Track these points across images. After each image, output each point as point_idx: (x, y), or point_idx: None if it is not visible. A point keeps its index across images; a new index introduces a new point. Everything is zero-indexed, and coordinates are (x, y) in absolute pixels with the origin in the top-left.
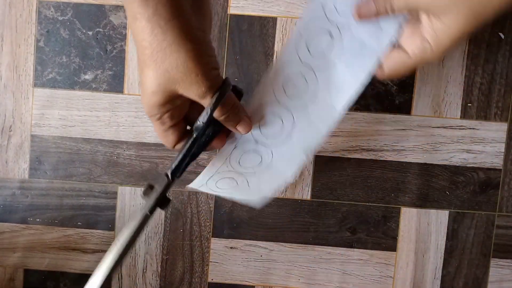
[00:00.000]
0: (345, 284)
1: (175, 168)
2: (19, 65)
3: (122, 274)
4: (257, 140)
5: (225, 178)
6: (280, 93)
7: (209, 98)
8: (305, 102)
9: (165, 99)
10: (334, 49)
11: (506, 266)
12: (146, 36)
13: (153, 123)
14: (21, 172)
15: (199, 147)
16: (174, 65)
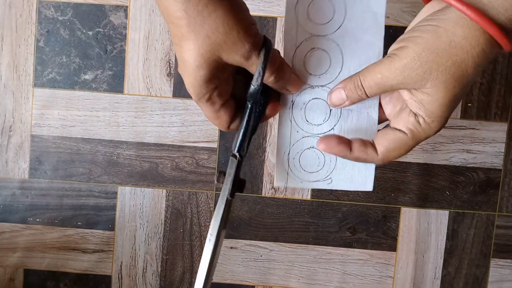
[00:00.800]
0: (345, 284)
1: (239, 145)
2: (19, 65)
3: (122, 274)
4: (312, 85)
5: (304, 150)
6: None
7: (255, 57)
8: (341, 23)
9: (210, 72)
10: None
11: (506, 266)
12: (180, 4)
13: (202, 107)
14: (21, 172)
15: (256, 117)
16: (214, 27)
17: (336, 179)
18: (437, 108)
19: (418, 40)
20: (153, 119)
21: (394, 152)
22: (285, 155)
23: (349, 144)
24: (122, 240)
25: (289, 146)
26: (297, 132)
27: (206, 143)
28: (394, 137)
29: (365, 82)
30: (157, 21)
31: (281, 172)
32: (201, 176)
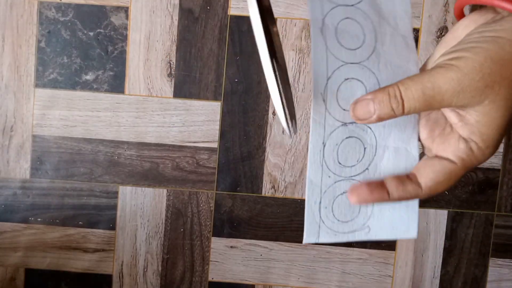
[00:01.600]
0: (345, 283)
1: None
2: (20, 66)
3: (123, 273)
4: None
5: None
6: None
7: None
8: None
9: None
10: None
11: (505, 265)
12: None
13: None
14: (22, 172)
15: None
16: None
17: (374, 227)
18: (494, 130)
19: (478, 50)
20: (153, 119)
21: (443, 185)
22: (315, 205)
23: (384, 187)
24: (123, 240)
25: (320, 194)
26: (328, 177)
27: (206, 143)
28: (442, 168)
29: (407, 92)
30: (158, 22)
31: (312, 225)
32: (201, 176)
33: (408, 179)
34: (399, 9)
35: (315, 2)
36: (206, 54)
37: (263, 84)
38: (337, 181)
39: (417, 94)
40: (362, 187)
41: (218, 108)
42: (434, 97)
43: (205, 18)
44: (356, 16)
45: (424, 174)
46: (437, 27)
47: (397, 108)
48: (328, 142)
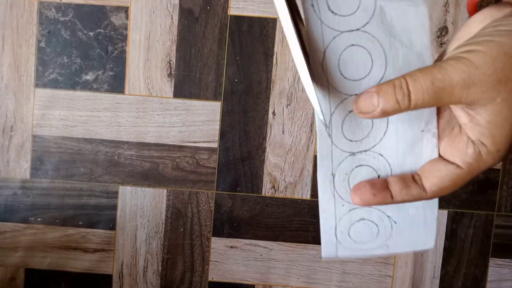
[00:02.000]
0: (345, 283)
1: None
2: (20, 66)
3: (123, 273)
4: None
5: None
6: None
7: None
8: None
9: None
10: None
11: (505, 265)
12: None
13: None
14: (22, 172)
15: None
16: None
17: (393, 244)
18: (507, 132)
19: (491, 43)
20: (153, 119)
21: (448, 190)
22: (331, 230)
23: (387, 189)
24: (123, 240)
25: (335, 221)
26: (342, 206)
27: (206, 143)
28: (449, 174)
29: (415, 83)
30: (158, 22)
31: (329, 244)
32: (201, 176)
33: (413, 181)
34: (414, 24)
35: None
36: (206, 54)
37: (263, 84)
38: (352, 209)
39: (426, 85)
40: (366, 188)
41: (218, 108)
42: (444, 89)
43: (205, 18)
44: (362, 41)
45: (430, 178)
46: (437, 27)
47: (403, 100)
48: (337, 172)
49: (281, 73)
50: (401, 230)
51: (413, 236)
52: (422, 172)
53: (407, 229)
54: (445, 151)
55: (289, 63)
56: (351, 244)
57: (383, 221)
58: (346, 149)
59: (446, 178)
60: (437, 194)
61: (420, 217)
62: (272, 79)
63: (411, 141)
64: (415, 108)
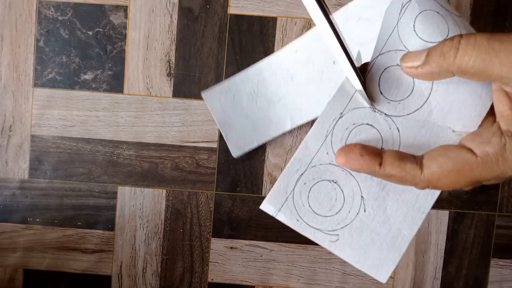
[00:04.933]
0: (345, 284)
1: None
2: (19, 65)
3: (122, 274)
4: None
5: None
6: None
7: None
8: None
9: None
10: None
11: (507, 266)
12: None
13: None
14: (21, 172)
15: None
16: None
17: (343, 239)
18: None
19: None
20: (153, 119)
21: (450, 176)
22: (295, 175)
23: (379, 154)
24: (122, 240)
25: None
26: (327, 153)
27: (206, 143)
28: (456, 155)
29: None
30: (157, 21)
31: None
32: (201, 176)
33: (410, 157)
34: None
35: None
36: (205, 53)
37: None
38: (331, 163)
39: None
40: (356, 147)
41: None
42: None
43: (205, 17)
44: None
45: (433, 158)
46: None
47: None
48: (345, 116)
49: None
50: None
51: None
52: (427, 153)
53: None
54: (465, 138)
55: None
56: (302, 207)
57: (353, 198)
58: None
59: (451, 161)
60: (435, 179)
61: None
62: None
63: (435, 133)
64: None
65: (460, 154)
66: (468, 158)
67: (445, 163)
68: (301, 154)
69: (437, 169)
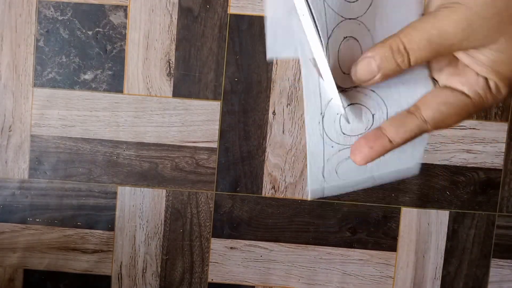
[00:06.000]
0: (345, 284)
1: None
2: (18, 65)
3: (122, 274)
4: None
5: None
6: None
7: None
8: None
9: None
10: None
11: (507, 266)
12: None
13: None
14: (20, 172)
15: None
16: None
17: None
18: None
19: None
20: (153, 119)
21: (452, 119)
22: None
23: (383, 135)
24: (122, 240)
25: (323, 162)
26: (331, 147)
27: (206, 143)
28: (455, 100)
29: (411, 43)
30: (157, 21)
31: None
32: (201, 176)
33: (408, 114)
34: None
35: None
36: (205, 53)
37: (263, 84)
38: (342, 149)
39: (422, 44)
40: (361, 144)
41: (217, 107)
42: (441, 44)
43: (205, 17)
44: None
45: (432, 105)
46: None
47: (403, 62)
48: (327, 112)
49: (281, 72)
50: (387, 161)
51: (398, 163)
52: (422, 102)
53: (393, 159)
54: (449, 81)
55: (289, 62)
56: (338, 181)
57: None
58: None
59: (451, 106)
60: (440, 124)
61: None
62: (272, 78)
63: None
64: (415, 64)
65: (457, 97)
66: (465, 100)
67: (446, 110)
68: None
69: (440, 116)
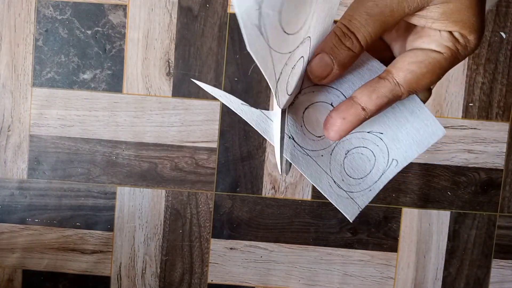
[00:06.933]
0: (346, 285)
1: None
2: (17, 65)
3: (121, 275)
4: None
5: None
6: None
7: None
8: None
9: None
10: None
11: (508, 266)
12: None
13: None
14: (19, 172)
15: None
16: None
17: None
18: (470, 14)
19: None
20: (152, 118)
21: (427, 78)
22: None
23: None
24: (121, 241)
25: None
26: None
27: (205, 143)
28: (426, 58)
29: (353, 22)
30: (156, 20)
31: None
32: (200, 177)
33: (380, 79)
34: None
35: None
36: (205, 52)
37: (263, 83)
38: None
39: (363, 19)
40: (333, 117)
41: (217, 107)
42: (382, 13)
43: (204, 16)
44: None
45: (403, 67)
46: None
47: (352, 44)
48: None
49: None
50: (395, 137)
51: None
52: (392, 65)
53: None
54: (414, 43)
55: None
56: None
57: (366, 139)
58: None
59: (423, 64)
60: (413, 85)
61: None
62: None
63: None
64: (369, 43)
65: (428, 55)
66: (436, 56)
67: (418, 69)
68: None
69: (413, 76)
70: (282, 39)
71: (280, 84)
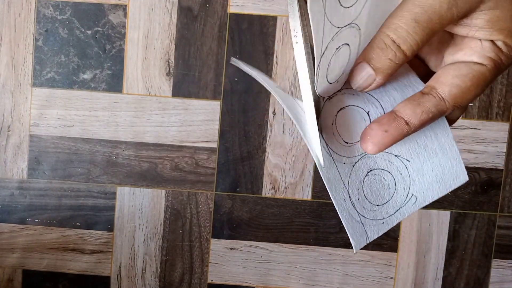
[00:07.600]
0: (346, 285)
1: None
2: (17, 65)
3: (121, 275)
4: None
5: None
6: None
7: None
8: None
9: None
10: None
11: (508, 266)
12: None
13: None
14: (19, 172)
15: None
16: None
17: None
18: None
19: None
20: (152, 118)
21: (472, 92)
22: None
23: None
24: (121, 241)
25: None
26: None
27: (205, 143)
28: (470, 71)
29: (398, 31)
30: (156, 20)
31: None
32: (200, 177)
33: (424, 94)
34: None
35: None
36: (205, 52)
37: None
38: (355, 163)
39: (411, 27)
40: (373, 129)
41: (217, 107)
42: (430, 19)
43: (204, 16)
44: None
45: (447, 81)
46: None
47: (396, 56)
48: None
49: (281, 71)
50: (420, 169)
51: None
52: (435, 80)
53: (427, 167)
54: (455, 56)
55: (289, 62)
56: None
57: (392, 163)
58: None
59: (467, 77)
60: (458, 99)
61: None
62: (273, 77)
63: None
64: (414, 53)
65: (472, 68)
66: (480, 69)
67: (463, 83)
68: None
69: (458, 91)
70: (336, 9)
71: (323, 61)
